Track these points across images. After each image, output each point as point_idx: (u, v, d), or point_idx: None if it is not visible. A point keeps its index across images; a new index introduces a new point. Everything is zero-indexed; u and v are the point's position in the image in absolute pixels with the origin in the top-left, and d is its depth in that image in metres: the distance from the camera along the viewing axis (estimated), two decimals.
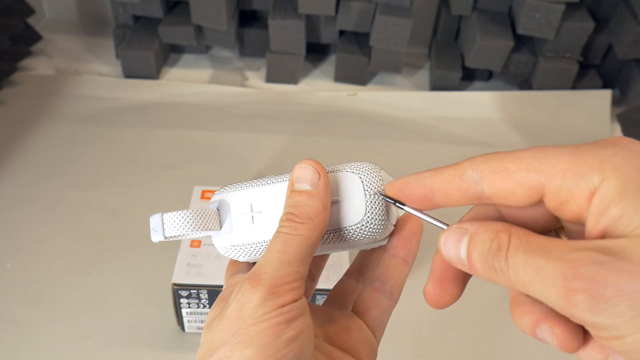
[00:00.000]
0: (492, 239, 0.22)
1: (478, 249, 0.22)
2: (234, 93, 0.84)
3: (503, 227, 0.22)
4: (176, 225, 0.28)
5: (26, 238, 0.62)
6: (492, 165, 0.22)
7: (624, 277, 0.18)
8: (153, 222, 0.28)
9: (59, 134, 0.75)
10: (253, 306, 0.24)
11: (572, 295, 0.19)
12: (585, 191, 0.20)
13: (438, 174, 0.25)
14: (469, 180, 0.23)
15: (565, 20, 0.78)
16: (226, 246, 0.30)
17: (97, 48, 0.92)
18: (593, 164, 0.20)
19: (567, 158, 0.21)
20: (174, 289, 0.49)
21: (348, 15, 0.82)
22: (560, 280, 0.19)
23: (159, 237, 0.28)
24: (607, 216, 0.20)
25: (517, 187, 0.22)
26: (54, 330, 0.54)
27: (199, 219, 0.29)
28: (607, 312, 0.19)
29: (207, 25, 0.82)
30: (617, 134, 0.81)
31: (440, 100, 0.85)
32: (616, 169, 0.20)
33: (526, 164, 0.22)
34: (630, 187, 0.19)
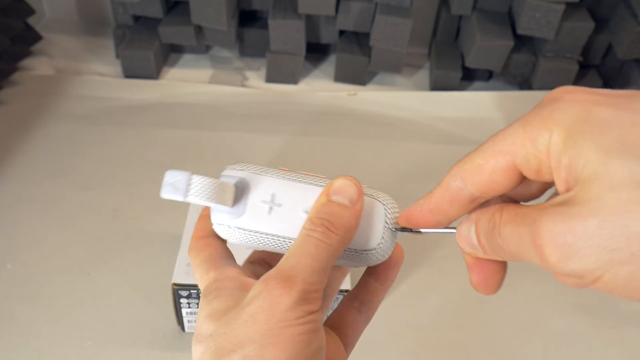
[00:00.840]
0: (489, 220, 0.23)
1: (482, 232, 0.24)
2: (234, 93, 0.84)
3: (497, 207, 0.23)
4: (200, 190, 0.27)
5: (26, 238, 0.62)
6: (466, 168, 0.24)
7: (578, 221, 0.19)
8: (175, 179, 0.27)
9: (59, 134, 0.75)
10: (285, 308, 0.24)
11: (542, 251, 0.20)
12: (545, 151, 0.21)
13: (430, 197, 0.26)
14: (456, 190, 0.25)
15: (565, 20, 0.78)
16: (228, 225, 0.29)
17: (97, 48, 0.92)
18: (539, 126, 0.21)
19: (519, 130, 0.22)
20: (174, 289, 0.49)
21: (348, 15, 0.82)
22: (531, 241, 0.20)
23: (178, 196, 0.27)
24: (562, 167, 0.20)
25: (494, 176, 0.23)
26: (54, 330, 0.54)
27: (219, 191, 0.28)
28: (575, 258, 0.19)
29: (207, 25, 0.82)
30: None
31: (440, 100, 0.85)
32: (557, 122, 0.21)
33: (491, 152, 0.23)
34: (570, 134, 0.20)
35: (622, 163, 0.18)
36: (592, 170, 0.19)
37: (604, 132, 0.19)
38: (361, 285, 0.32)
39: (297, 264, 0.25)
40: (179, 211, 0.58)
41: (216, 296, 0.27)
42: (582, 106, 0.20)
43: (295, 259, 0.26)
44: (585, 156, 0.19)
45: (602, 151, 0.19)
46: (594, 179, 0.19)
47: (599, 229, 0.18)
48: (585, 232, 0.19)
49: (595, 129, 0.19)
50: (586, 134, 0.19)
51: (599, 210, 0.18)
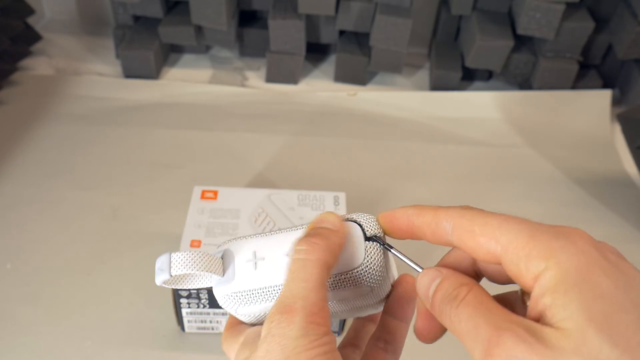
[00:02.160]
0: (455, 288, 0.25)
1: (442, 292, 0.25)
2: (234, 93, 0.84)
3: (468, 282, 0.25)
4: (183, 264, 0.28)
5: (26, 238, 0.62)
6: (463, 223, 0.25)
7: (536, 357, 0.20)
8: (160, 263, 0.29)
9: (59, 134, 0.75)
10: (295, 335, 0.25)
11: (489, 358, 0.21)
12: (531, 274, 0.22)
13: (420, 215, 0.27)
14: (443, 229, 0.26)
15: (565, 20, 0.78)
16: (227, 294, 0.30)
17: (97, 48, 0.92)
18: (542, 252, 0.22)
19: (524, 238, 0.23)
20: (174, 289, 0.49)
21: (348, 15, 0.82)
22: (485, 342, 0.21)
23: (164, 277, 0.28)
24: (541, 302, 0.22)
25: (479, 248, 0.24)
26: (54, 330, 0.54)
27: (204, 260, 0.29)
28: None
29: (207, 25, 0.82)
30: (617, 134, 0.81)
31: (440, 100, 0.85)
32: (559, 262, 0.22)
33: (489, 232, 0.24)
34: (564, 282, 0.21)
35: (598, 339, 0.20)
36: (570, 326, 0.20)
37: (595, 301, 0.20)
38: (382, 326, 0.32)
39: (292, 291, 0.26)
40: (179, 211, 0.58)
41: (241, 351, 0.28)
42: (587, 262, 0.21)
43: (289, 287, 0.26)
44: (570, 311, 0.20)
45: (586, 317, 0.20)
46: (567, 336, 0.20)
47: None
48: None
49: (590, 292, 0.21)
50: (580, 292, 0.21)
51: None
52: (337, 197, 0.56)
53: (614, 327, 0.20)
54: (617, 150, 0.79)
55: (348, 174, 0.72)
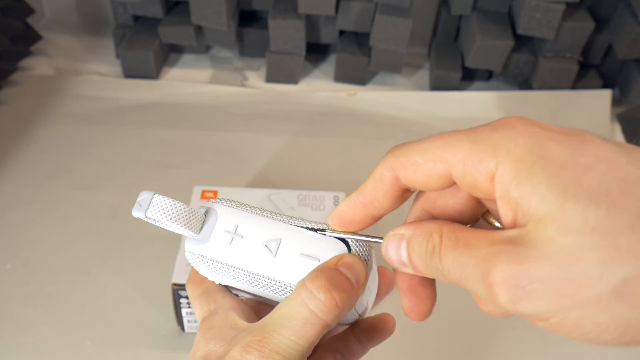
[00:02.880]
0: (427, 241, 0.23)
1: (417, 252, 0.23)
2: (234, 93, 0.84)
3: (435, 227, 0.23)
4: (161, 210, 0.28)
5: (26, 238, 0.62)
6: (402, 161, 0.23)
7: (531, 264, 0.19)
8: (141, 198, 0.29)
9: (59, 134, 0.75)
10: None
11: (493, 289, 0.20)
12: (485, 176, 0.21)
13: (362, 189, 0.25)
14: (390, 180, 0.24)
15: (565, 20, 0.78)
16: (194, 253, 0.29)
17: (97, 48, 0.92)
18: (487, 149, 0.21)
19: (465, 145, 0.21)
20: (174, 289, 0.49)
21: (348, 15, 0.82)
22: (480, 276, 0.20)
23: (139, 214, 0.28)
24: (510, 200, 0.20)
25: (428, 177, 0.23)
26: (54, 330, 0.54)
27: (184, 215, 0.28)
28: (526, 300, 0.19)
29: (207, 25, 0.82)
30: (617, 134, 0.81)
31: (440, 100, 0.85)
32: (508, 151, 0.20)
33: (432, 155, 0.22)
34: (522, 167, 0.20)
35: (578, 207, 0.18)
36: (546, 210, 0.19)
37: (559, 172, 0.19)
38: (343, 341, 0.30)
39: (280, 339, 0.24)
40: None
41: (212, 337, 0.27)
42: (536, 140, 0.20)
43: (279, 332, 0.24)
44: (540, 194, 0.19)
45: (558, 192, 0.19)
46: (549, 221, 0.19)
47: (552, 273, 0.18)
48: (539, 275, 0.19)
49: (551, 167, 0.19)
50: (541, 171, 0.19)
51: (554, 255, 0.18)
52: (337, 197, 0.56)
53: (589, 188, 0.18)
54: None
55: (348, 174, 0.72)
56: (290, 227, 0.29)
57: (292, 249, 0.28)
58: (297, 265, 0.27)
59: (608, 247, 0.18)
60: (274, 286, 0.28)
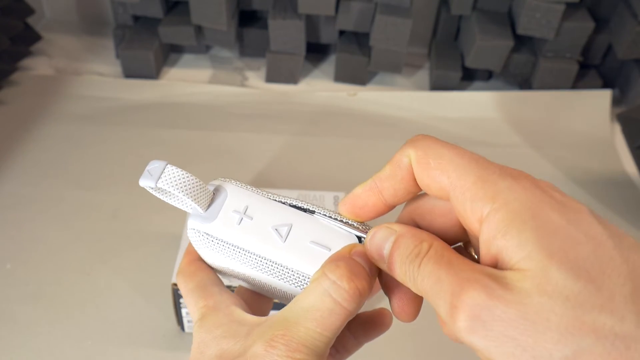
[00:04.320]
0: (415, 245, 0.23)
1: (400, 251, 0.24)
2: (234, 93, 0.84)
3: (427, 237, 0.23)
4: (173, 180, 0.27)
5: (26, 238, 0.62)
6: (418, 155, 0.24)
7: (501, 304, 0.19)
8: (152, 167, 0.27)
9: (59, 134, 0.75)
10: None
11: (455, 312, 0.20)
12: (476, 215, 0.22)
13: (379, 174, 0.26)
14: (407, 167, 0.25)
15: (565, 20, 0.78)
16: (199, 230, 0.28)
17: (97, 48, 0.92)
18: (488, 193, 0.21)
19: (472, 177, 0.22)
20: (174, 289, 0.49)
21: (348, 15, 0.82)
22: (449, 296, 0.21)
23: (149, 183, 0.27)
24: (494, 245, 0.21)
25: (432, 182, 0.23)
26: (54, 330, 0.54)
27: (195, 188, 0.27)
28: (481, 334, 0.20)
29: (207, 25, 0.82)
30: (617, 134, 0.81)
31: (440, 100, 0.85)
32: (507, 202, 0.21)
33: (442, 165, 0.23)
34: (514, 221, 0.20)
35: (560, 274, 0.19)
36: (530, 266, 0.20)
37: (550, 237, 0.20)
38: None
39: (305, 331, 0.24)
40: (179, 211, 0.58)
41: (223, 334, 0.26)
42: (536, 201, 0.21)
43: (303, 324, 0.24)
44: (526, 250, 0.20)
45: (545, 254, 0.19)
46: (530, 276, 0.19)
47: (516, 321, 0.19)
48: (503, 317, 0.19)
49: (543, 229, 0.20)
50: (531, 230, 0.20)
51: (524, 306, 0.19)
52: (337, 197, 0.56)
53: (573, 260, 0.19)
54: (617, 150, 0.79)
55: (348, 174, 0.72)
56: (301, 213, 0.28)
57: (303, 235, 0.27)
58: (307, 252, 0.27)
59: (575, 318, 0.19)
60: (280, 272, 0.27)
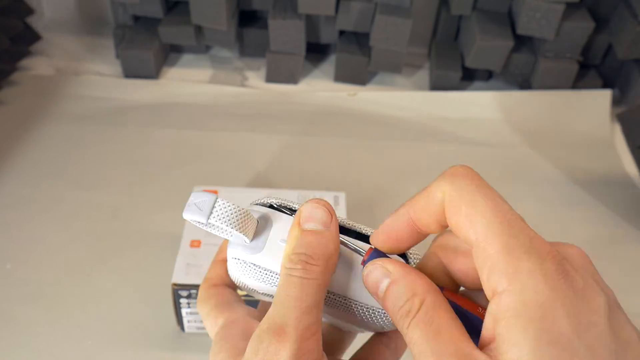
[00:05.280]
0: (407, 300, 0.23)
1: (392, 301, 0.23)
2: (234, 93, 0.84)
3: (421, 290, 0.23)
4: (225, 216, 0.26)
5: (26, 238, 0.62)
6: (452, 196, 0.23)
7: None
8: (199, 200, 0.26)
9: (59, 134, 0.75)
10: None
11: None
12: (490, 287, 0.21)
13: (413, 205, 0.25)
14: (440, 204, 0.24)
15: (565, 20, 0.78)
16: (244, 261, 0.27)
17: (97, 48, 0.92)
18: (508, 269, 0.21)
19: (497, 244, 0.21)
20: (174, 289, 0.49)
21: (348, 15, 0.82)
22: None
23: (200, 219, 0.26)
24: (497, 327, 0.21)
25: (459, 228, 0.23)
26: (54, 330, 0.54)
27: (244, 220, 0.26)
28: None
29: (207, 25, 0.82)
30: (617, 133, 0.81)
31: (440, 100, 0.85)
32: (522, 290, 0.20)
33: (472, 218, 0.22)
34: (522, 316, 0.20)
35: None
36: None
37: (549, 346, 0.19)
38: (368, 350, 0.30)
39: (284, 311, 0.24)
40: (179, 211, 0.58)
41: (220, 349, 0.26)
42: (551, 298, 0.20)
43: (282, 306, 0.24)
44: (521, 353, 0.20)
45: None
46: None
47: None
48: None
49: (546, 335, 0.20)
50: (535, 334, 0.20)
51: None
52: (337, 197, 0.56)
53: None
54: (617, 150, 0.79)
55: (348, 174, 0.72)
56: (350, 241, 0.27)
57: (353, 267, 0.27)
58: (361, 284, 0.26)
59: None
60: (331, 300, 0.27)
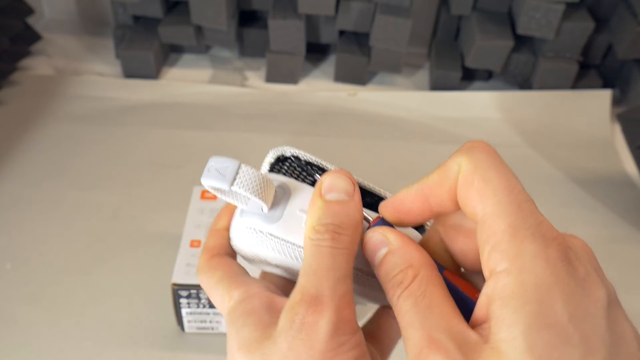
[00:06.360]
0: (401, 270, 0.22)
1: (386, 269, 0.23)
2: (234, 93, 0.84)
3: (416, 262, 0.22)
4: (249, 182, 0.24)
5: (26, 238, 0.62)
6: (468, 168, 0.22)
7: None
8: (221, 165, 0.25)
9: (59, 134, 0.75)
10: (325, 336, 0.22)
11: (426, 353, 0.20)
12: (489, 265, 0.21)
13: (428, 180, 0.24)
14: (455, 177, 0.23)
15: (565, 20, 0.78)
16: (261, 230, 0.26)
17: (97, 48, 0.92)
18: (510, 249, 0.20)
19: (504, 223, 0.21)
20: (174, 289, 0.49)
21: (348, 15, 0.82)
22: (416, 349, 0.21)
23: (221, 185, 0.24)
24: (490, 307, 0.20)
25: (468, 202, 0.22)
26: (54, 330, 0.54)
27: (265, 188, 0.25)
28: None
29: (207, 25, 0.82)
30: (617, 134, 0.81)
31: (440, 100, 0.85)
32: (522, 271, 0.20)
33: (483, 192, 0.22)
34: (518, 298, 0.20)
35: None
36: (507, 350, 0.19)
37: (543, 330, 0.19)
38: (375, 322, 0.30)
39: (319, 281, 0.23)
40: (179, 211, 0.58)
41: (244, 323, 0.24)
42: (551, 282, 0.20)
43: (315, 277, 0.23)
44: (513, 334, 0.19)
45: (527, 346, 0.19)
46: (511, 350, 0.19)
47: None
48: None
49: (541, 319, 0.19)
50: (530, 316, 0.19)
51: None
52: None
53: None
54: (617, 150, 0.79)
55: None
56: None
57: None
58: None
59: None
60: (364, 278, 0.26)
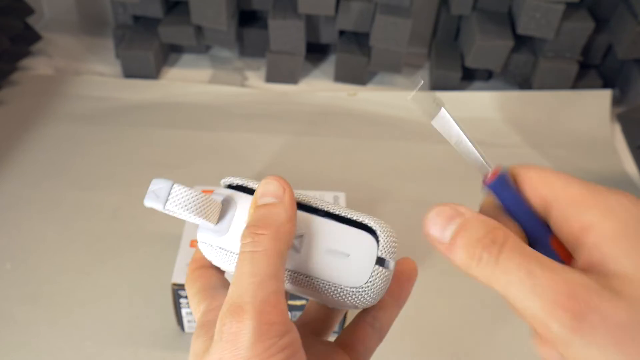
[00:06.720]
0: (488, 231, 0.22)
1: (467, 235, 0.22)
2: (234, 93, 0.84)
3: (500, 226, 0.22)
4: (181, 201, 0.26)
5: (26, 238, 0.62)
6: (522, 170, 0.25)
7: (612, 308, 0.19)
8: (157, 187, 0.26)
9: (59, 134, 0.75)
10: (248, 343, 0.22)
11: (559, 310, 0.20)
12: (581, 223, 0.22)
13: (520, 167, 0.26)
14: None
15: (565, 20, 0.78)
16: (211, 244, 0.28)
17: (97, 48, 0.92)
18: (598, 202, 0.22)
19: (577, 188, 0.23)
20: (174, 289, 0.49)
21: (348, 15, 0.82)
22: (551, 293, 0.20)
23: (158, 205, 0.26)
24: (599, 252, 0.21)
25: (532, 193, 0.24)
26: (54, 330, 0.54)
27: (203, 205, 0.26)
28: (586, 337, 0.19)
29: (207, 25, 0.82)
30: (617, 134, 0.81)
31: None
32: (616, 214, 0.22)
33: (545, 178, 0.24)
34: (625, 232, 0.21)
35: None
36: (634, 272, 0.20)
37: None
38: (352, 329, 0.30)
39: (239, 290, 0.23)
40: None
41: (197, 336, 0.26)
42: None
43: (237, 285, 0.23)
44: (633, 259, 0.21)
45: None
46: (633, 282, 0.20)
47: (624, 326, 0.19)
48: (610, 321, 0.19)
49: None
50: None
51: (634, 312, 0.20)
52: (337, 197, 0.56)
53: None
54: (617, 150, 0.79)
55: (348, 174, 0.72)
56: (313, 218, 0.27)
57: (317, 244, 0.27)
58: (324, 262, 0.26)
59: None
60: (299, 279, 0.27)
